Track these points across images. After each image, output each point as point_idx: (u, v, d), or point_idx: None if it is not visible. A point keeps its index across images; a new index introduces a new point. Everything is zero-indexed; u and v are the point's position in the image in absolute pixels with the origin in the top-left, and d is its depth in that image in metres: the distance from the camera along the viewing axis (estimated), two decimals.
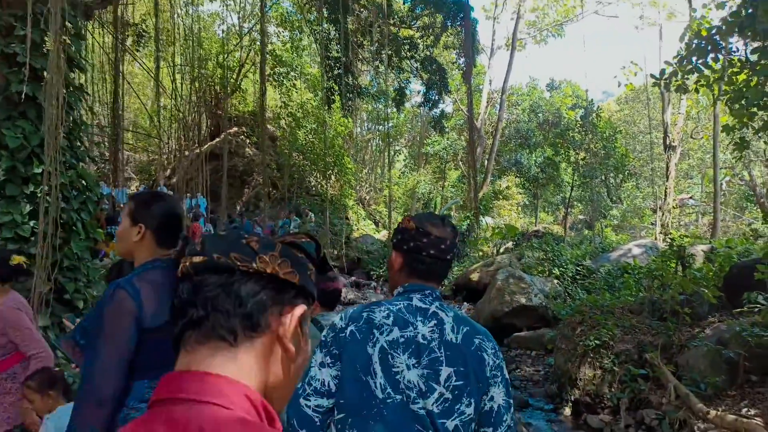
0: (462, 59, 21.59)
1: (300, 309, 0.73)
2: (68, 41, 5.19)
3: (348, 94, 17.85)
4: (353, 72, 18.22)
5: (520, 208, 26.88)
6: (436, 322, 1.43)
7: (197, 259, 0.70)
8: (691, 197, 27.40)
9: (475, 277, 13.43)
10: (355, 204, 27.92)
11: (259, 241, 0.73)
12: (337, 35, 17.08)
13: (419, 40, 19.13)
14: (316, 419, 1.37)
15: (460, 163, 27.53)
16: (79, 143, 5.47)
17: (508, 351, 9.74)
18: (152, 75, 25.45)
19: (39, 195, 4.84)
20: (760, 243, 10.49)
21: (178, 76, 24.82)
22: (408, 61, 19.51)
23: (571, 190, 18.14)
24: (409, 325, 1.41)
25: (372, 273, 17.36)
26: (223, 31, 26.54)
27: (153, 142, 26.82)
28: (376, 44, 19.11)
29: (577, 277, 11.76)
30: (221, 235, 0.74)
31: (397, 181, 33.46)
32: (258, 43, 25.40)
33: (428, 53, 19.50)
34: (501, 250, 17.19)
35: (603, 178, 17.61)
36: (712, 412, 5.28)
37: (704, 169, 26.22)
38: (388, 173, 24.37)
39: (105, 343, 1.63)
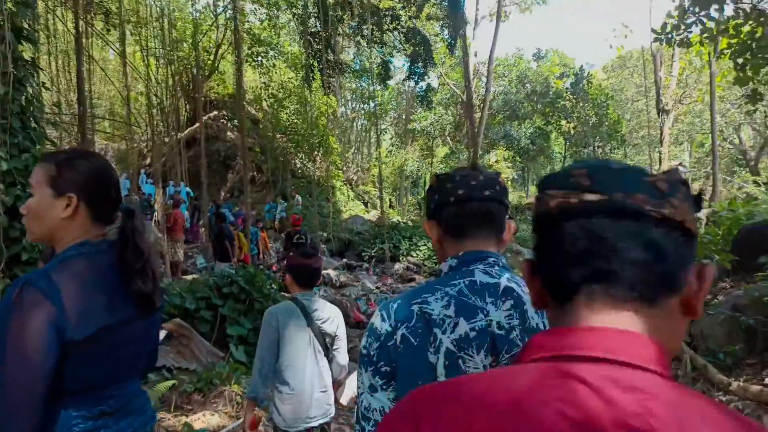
0: (446, 31, 21.01)
1: (711, 269, 0.61)
2: (12, 8, 4.62)
3: (329, 71, 17.17)
4: (333, 47, 17.53)
5: (510, 183, 26.55)
6: (512, 302, 1.06)
7: (592, 197, 0.58)
8: (680, 164, 27.28)
9: None
10: (343, 185, 27.42)
11: (666, 180, 0.60)
12: (315, 9, 16.38)
13: (401, 11, 18.46)
14: None
15: (448, 138, 27.06)
16: (34, 124, 4.92)
17: None
18: (123, 57, 24.59)
19: None
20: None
21: (152, 60, 24.03)
22: (391, 34, 18.87)
23: (564, 160, 17.79)
24: (478, 312, 1.05)
25: (364, 254, 16.96)
26: (197, 11, 25.59)
27: (130, 129, 26.02)
28: (357, 18, 18.41)
29: None
30: (617, 169, 0.61)
31: (385, 161, 32.98)
32: (234, 21, 24.63)
33: (411, 25, 18.85)
34: None
35: (594, 147, 17.27)
36: (734, 383, 4.97)
37: (694, 135, 25.99)
38: (377, 152, 23.81)
39: (10, 364, 1.17)
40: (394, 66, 26.91)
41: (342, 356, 2.73)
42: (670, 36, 6.63)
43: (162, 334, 5.54)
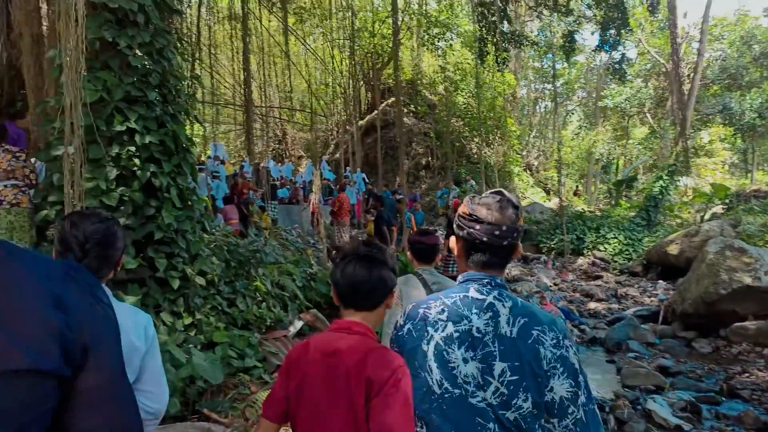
0: None
1: None
2: None
3: (504, 44, 15.67)
4: (509, 17, 15.97)
5: (726, 167, 22.24)
6: (491, 314, 1.38)
7: None
8: None
9: (673, 249, 10.83)
10: (521, 170, 25.64)
11: None
12: None
13: None
14: None
15: (647, 115, 23.52)
16: (175, 97, 4.73)
17: (728, 346, 7.38)
18: (314, 54, 25.99)
19: (124, 158, 4.17)
20: None
21: (336, 52, 25.00)
22: (577, 0, 16.69)
23: None
24: (464, 319, 1.39)
25: (542, 245, 15.32)
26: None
27: (318, 119, 27.54)
28: None
29: None
30: None
31: (570, 144, 30.13)
32: (412, 5, 24.37)
33: None
34: (706, 217, 13.97)
35: None
36: None
37: None
38: (557, 134, 21.62)
39: None
40: (583, 37, 24.19)
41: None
42: None
43: (297, 325, 5.07)
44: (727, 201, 13.39)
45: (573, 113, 32.91)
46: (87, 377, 0.77)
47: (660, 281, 10.69)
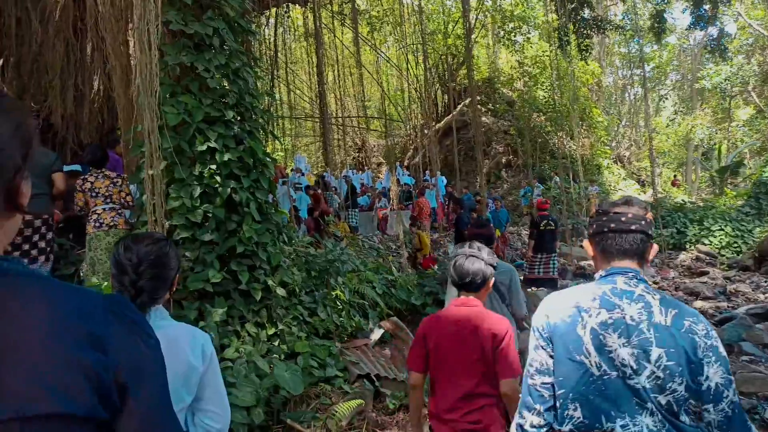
0: None
1: None
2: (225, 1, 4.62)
3: (586, 31, 14.87)
4: (590, 2, 15.12)
5: None
6: (643, 304, 1.46)
7: None
8: None
9: None
10: (611, 163, 24.27)
11: None
12: None
13: None
14: (546, 394, 1.52)
15: (753, 94, 21.46)
16: (251, 115, 4.89)
17: None
18: (389, 60, 26.20)
19: (206, 176, 4.35)
20: None
21: (411, 56, 25.04)
22: None
23: None
24: (616, 307, 1.46)
25: None
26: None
27: (396, 125, 27.69)
28: None
29: None
30: None
31: (666, 131, 28.14)
32: (486, 2, 23.88)
33: None
34: None
35: None
36: None
37: None
38: (649, 122, 20.21)
39: None
40: (673, 17, 22.57)
41: (519, 308, 3.56)
42: None
43: (377, 333, 5.04)
44: None
45: (667, 98, 30.73)
46: (127, 419, 0.74)
47: None
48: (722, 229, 13.10)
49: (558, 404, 1.48)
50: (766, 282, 9.61)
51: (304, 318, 4.83)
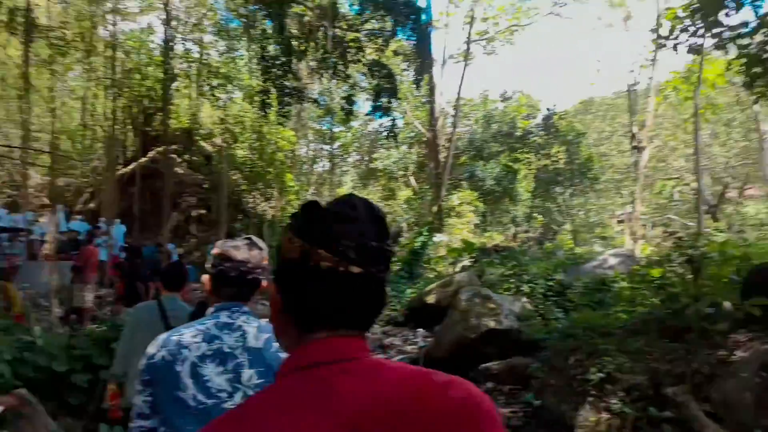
0: (412, 69, 20.32)
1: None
2: None
3: (288, 98, 15.91)
4: (294, 72, 16.36)
5: (472, 227, 25.60)
6: (241, 333, 1.61)
7: (356, 269, 0.79)
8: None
9: (431, 299, 11.72)
10: None
11: (391, 250, 0.88)
12: (277, 35, 15.30)
13: (367, 44, 17.64)
14: None
15: (411, 178, 26.08)
16: None
17: (479, 386, 7.98)
18: (72, 90, 23.02)
19: None
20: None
21: (99, 92, 22.56)
22: (355, 66, 17.97)
23: (533, 198, 16.83)
24: (216, 339, 1.58)
25: None
26: (153, 43, 24.37)
27: (74, 164, 24.22)
28: (321, 50, 17.48)
29: (550, 293, 10.23)
30: (376, 247, 0.82)
31: None
32: (192, 53, 23.45)
33: (377, 57, 18.03)
34: (458, 269, 15.65)
35: (564, 186, 16.39)
36: None
37: (654, 180, 25.78)
38: (333, 192, 22.54)
39: None
40: (357, 105, 26.17)
41: None
42: (675, 39, 5.63)
43: None
44: (474, 255, 15.19)
45: (348, 173, 34.89)
46: None
47: (420, 329, 11.41)
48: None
49: None
50: (413, 335, 11.27)
51: None
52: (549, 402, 5.78)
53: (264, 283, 1.72)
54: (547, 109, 17.16)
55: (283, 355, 1.24)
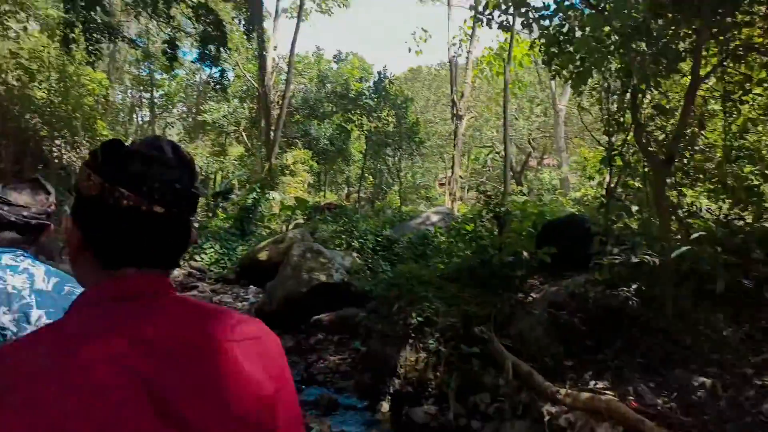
0: (242, 18, 19.23)
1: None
2: None
3: (96, 35, 14.00)
4: (103, 5, 14.37)
5: (307, 186, 25.68)
6: (27, 275, 1.59)
7: (159, 209, 0.80)
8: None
9: (263, 256, 11.60)
10: None
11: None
12: None
13: None
14: None
15: (243, 134, 25.09)
16: None
17: (308, 338, 8.21)
18: None
19: None
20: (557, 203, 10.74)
21: None
22: (178, 7, 16.42)
23: (364, 159, 17.35)
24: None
25: None
26: None
27: None
28: None
29: (378, 248, 10.77)
30: (180, 189, 0.84)
31: None
32: None
33: (203, 1, 16.66)
34: (291, 226, 15.64)
35: (394, 149, 17.18)
36: (563, 391, 4.42)
37: (471, 148, 28.29)
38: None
39: None
40: (183, 51, 24.10)
41: None
42: (490, 16, 6.11)
43: None
44: (307, 213, 15.29)
45: (173, 126, 32.30)
46: None
47: (251, 286, 11.27)
48: (212, 248, 14.47)
49: None
50: (244, 292, 11.09)
51: None
52: (375, 347, 6.14)
53: (51, 227, 1.71)
54: (378, 73, 17.67)
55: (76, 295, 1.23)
